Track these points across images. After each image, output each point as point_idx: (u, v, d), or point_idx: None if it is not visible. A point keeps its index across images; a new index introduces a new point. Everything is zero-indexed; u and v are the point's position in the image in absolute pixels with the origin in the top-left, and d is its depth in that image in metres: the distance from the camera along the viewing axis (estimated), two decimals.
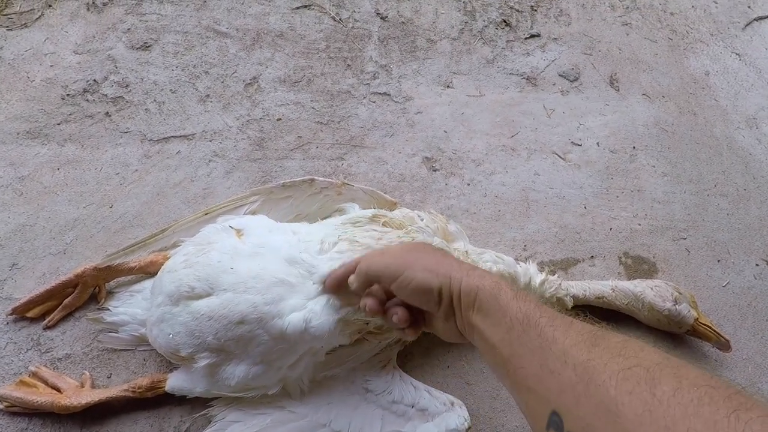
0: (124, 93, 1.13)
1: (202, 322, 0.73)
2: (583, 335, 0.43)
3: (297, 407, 0.79)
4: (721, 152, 1.22)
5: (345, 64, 1.25)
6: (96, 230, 0.97)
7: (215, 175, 1.05)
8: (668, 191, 1.14)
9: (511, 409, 0.87)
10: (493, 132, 1.18)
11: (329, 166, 1.09)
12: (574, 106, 1.25)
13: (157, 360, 0.86)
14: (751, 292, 1.03)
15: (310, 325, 0.72)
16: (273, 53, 1.24)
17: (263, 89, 1.18)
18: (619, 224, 1.08)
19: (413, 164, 1.11)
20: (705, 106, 1.30)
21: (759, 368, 0.94)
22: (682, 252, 1.06)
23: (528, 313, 0.48)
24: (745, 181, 1.18)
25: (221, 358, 0.74)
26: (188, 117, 1.12)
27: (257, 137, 1.11)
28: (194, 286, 0.74)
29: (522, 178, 1.12)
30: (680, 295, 0.92)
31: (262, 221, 0.86)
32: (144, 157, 1.06)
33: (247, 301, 0.72)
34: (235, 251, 0.78)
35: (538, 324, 0.46)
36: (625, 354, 0.39)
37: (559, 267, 1.02)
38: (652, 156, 1.19)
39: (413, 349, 0.91)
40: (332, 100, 1.18)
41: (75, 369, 0.84)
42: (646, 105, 1.28)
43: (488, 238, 1.04)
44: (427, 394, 0.82)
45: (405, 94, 1.22)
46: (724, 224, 1.11)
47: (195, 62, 1.20)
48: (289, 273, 0.76)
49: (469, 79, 1.27)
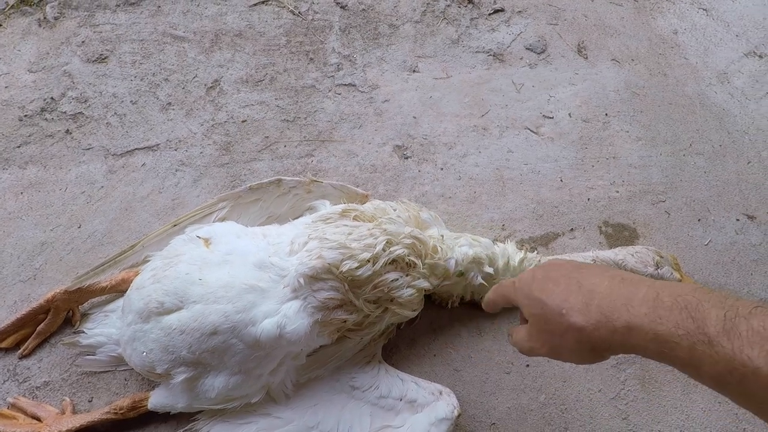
0: (83, 108, 1.10)
1: (175, 337, 0.71)
2: None
3: (283, 412, 0.78)
4: (695, 110, 1.21)
5: (307, 58, 1.22)
6: (65, 252, 0.94)
7: (183, 185, 1.03)
8: (644, 155, 1.13)
9: (501, 390, 0.86)
10: (463, 113, 1.16)
11: (299, 164, 1.07)
12: (543, 78, 1.23)
13: (139, 379, 0.84)
14: (734, 248, 1.02)
15: (284, 330, 0.71)
16: (233, 54, 1.21)
17: (226, 92, 1.15)
18: (597, 194, 1.07)
19: (384, 154, 1.09)
20: (675, 66, 1.28)
21: None
22: (662, 215, 1.05)
23: (732, 363, 0.38)
24: (721, 137, 1.17)
25: (198, 372, 0.73)
26: (151, 127, 1.09)
27: (223, 141, 1.09)
28: (163, 301, 0.72)
29: (495, 157, 1.11)
30: (661, 258, 0.91)
31: (230, 227, 0.84)
32: (109, 172, 1.03)
33: (217, 312, 0.71)
34: (204, 261, 0.76)
35: (755, 373, 0.37)
36: None
37: (539, 243, 1.01)
38: (625, 121, 1.18)
39: (398, 341, 0.89)
40: (297, 96, 1.16)
41: (55, 396, 0.83)
42: (615, 70, 1.26)
43: (466, 221, 1.02)
44: (414, 386, 0.81)
45: (371, 83, 1.19)
46: (702, 183, 1.10)
47: (154, 70, 1.17)
48: (260, 278, 0.74)
49: (435, 62, 1.24)
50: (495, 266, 0.86)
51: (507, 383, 0.87)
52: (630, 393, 0.87)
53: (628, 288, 0.47)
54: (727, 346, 0.38)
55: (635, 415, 0.85)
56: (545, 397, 0.86)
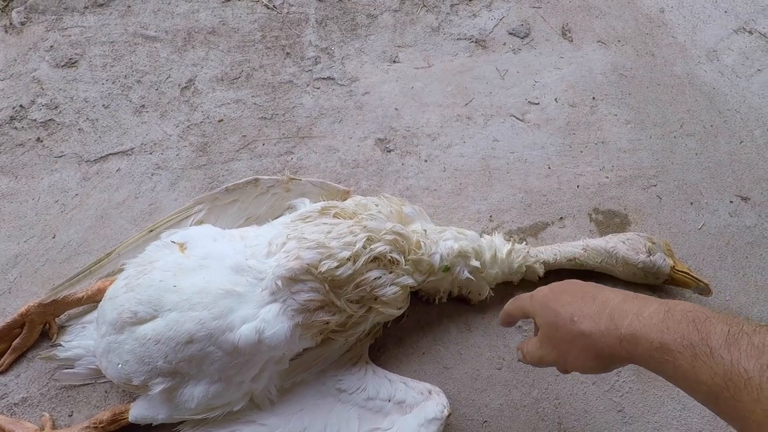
0: (54, 115, 1.07)
1: (150, 347, 0.68)
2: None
3: (267, 419, 0.76)
4: (684, 90, 1.18)
5: (284, 52, 1.18)
6: (40, 263, 0.92)
7: (160, 189, 1.00)
8: (633, 139, 1.10)
9: (493, 387, 0.84)
10: (446, 102, 1.13)
11: (278, 162, 1.04)
12: (528, 63, 1.20)
13: (119, 391, 0.82)
14: (728, 231, 0.99)
15: (263, 335, 0.68)
16: (207, 52, 1.17)
17: (201, 91, 1.12)
18: (586, 180, 1.04)
19: (366, 148, 1.06)
20: (663, 45, 1.25)
21: (742, 307, 0.91)
22: (654, 199, 1.03)
23: (729, 374, 0.40)
24: (711, 117, 1.14)
25: (176, 382, 0.70)
26: (125, 131, 1.06)
27: (200, 142, 1.05)
28: (136, 310, 0.70)
29: (481, 146, 1.08)
30: (654, 244, 0.89)
31: (206, 231, 0.81)
32: (83, 179, 1.00)
33: (193, 319, 0.68)
34: (178, 267, 0.74)
35: (748, 383, 0.38)
36: None
37: (528, 233, 0.98)
38: (613, 104, 1.15)
39: (386, 341, 0.87)
40: (274, 93, 1.12)
41: (34, 412, 0.80)
42: (602, 52, 1.23)
43: (452, 213, 1.00)
44: (403, 386, 0.79)
45: (350, 76, 1.16)
46: (693, 165, 1.07)
47: (125, 72, 1.13)
48: (237, 282, 0.72)
49: (415, 51, 1.21)
50: (482, 259, 0.84)
51: (498, 379, 0.84)
52: (625, 384, 0.84)
53: (640, 302, 0.49)
54: (726, 357, 0.39)
55: (630, 407, 0.83)
56: (538, 392, 0.84)
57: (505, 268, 0.86)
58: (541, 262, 0.88)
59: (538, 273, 0.88)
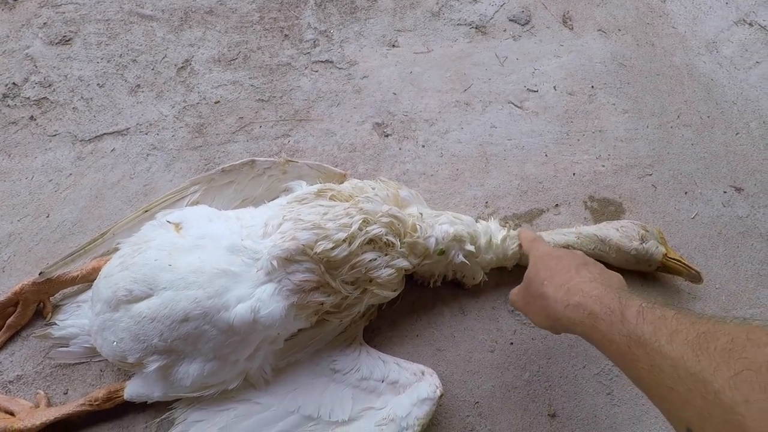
0: (47, 93, 1.06)
1: (145, 325, 0.69)
2: (689, 342, 0.42)
3: (262, 398, 0.76)
4: (683, 81, 1.18)
5: (282, 34, 1.17)
6: (34, 243, 0.91)
7: (155, 169, 0.99)
8: (630, 128, 1.10)
9: (485, 369, 0.85)
10: (444, 88, 1.13)
11: (275, 145, 1.03)
12: (528, 50, 1.20)
13: (114, 369, 0.82)
14: (721, 221, 1.00)
15: (259, 314, 0.69)
16: (204, 32, 1.16)
17: (197, 72, 1.11)
18: (582, 168, 1.05)
19: (363, 132, 1.06)
20: (663, 35, 1.24)
21: (732, 296, 0.93)
22: (649, 188, 1.03)
23: (631, 334, 0.47)
24: (709, 108, 1.14)
25: (172, 359, 0.71)
26: (120, 111, 1.05)
27: (196, 124, 1.05)
28: (131, 288, 0.70)
29: (478, 132, 1.08)
30: (647, 232, 0.90)
31: (202, 211, 0.81)
32: (77, 159, 1.00)
33: (188, 298, 0.68)
34: (174, 247, 0.74)
35: (643, 341, 0.46)
36: (733, 355, 0.38)
37: (523, 220, 0.99)
38: (611, 94, 1.15)
39: (380, 323, 0.88)
40: (272, 75, 1.12)
41: (29, 390, 0.80)
42: (602, 41, 1.22)
43: (448, 199, 1.00)
44: (396, 367, 0.80)
45: (349, 59, 1.15)
46: (689, 155, 1.08)
47: (121, 51, 1.12)
48: (232, 262, 0.72)
49: (415, 36, 1.20)
50: (477, 244, 0.84)
51: (491, 362, 0.85)
52: (614, 368, 0.85)
53: (597, 285, 0.57)
54: (632, 323, 0.48)
55: (619, 390, 0.84)
56: (529, 374, 0.85)
57: (500, 254, 0.87)
58: None
59: None
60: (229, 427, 0.74)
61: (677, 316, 0.45)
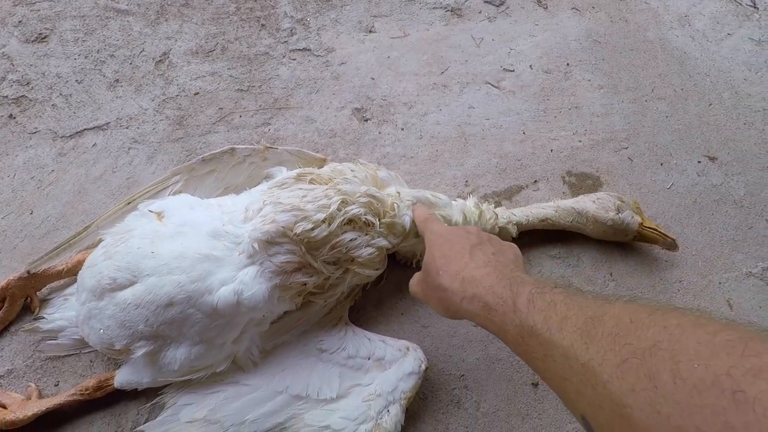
0: (26, 91, 1.06)
1: (130, 312, 0.70)
2: (578, 328, 0.40)
3: (250, 380, 0.78)
4: (656, 55, 1.20)
5: (259, 24, 1.18)
6: (18, 240, 0.92)
7: (137, 163, 1.00)
8: (606, 103, 1.12)
9: (470, 343, 0.87)
10: (422, 71, 1.14)
11: (256, 134, 1.04)
12: (503, 31, 1.21)
13: (105, 360, 0.83)
14: (696, 189, 1.03)
15: (242, 296, 0.70)
16: (180, 24, 1.16)
17: (175, 64, 1.11)
18: (560, 144, 1.06)
19: (343, 117, 1.07)
20: (636, 11, 1.26)
21: (708, 261, 0.95)
22: (625, 161, 1.05)
23: (523, 324, 0.46)
24: (682, 81, 1.16)
25: (158, 345, 0.72)
26: (99, 106, 1.05)
27: (176, 116, 1.05)
28: (115, 276, 0.71)
29: (457, 113, 1.09)
30: (623, 203, 0.92)
31: (184, 200, 0.82)
32: (58, 155, 1.00)
33: (172, 282, 0.69)
34: (156, 234, 0.74)
35: (534, 331, 0.44)
36: (618, 341, 0.36)
37: (503, 197, 1.01)
38: (587, 70, 1.16)
39: (365, 303, 0.89)
40: (250, 65, 1.12)
41: (20, 383, 0.81)
42: (576, 19, 1.24)
43: (429, 180, 1.01)
44: (381, 344, 0.81)
45: (326, 47, 1.16)
46: (664, 127, 1.10)
47: (98, 47, 1.12)
48: (214, 247, 0.73)
49: (391, 21, 1.21)
50: (450, 222, 0.85)
51: (475, 335, 0.87)
52: None
53: (489, 272, 0.56)
54: (524, 312, 0.46)
55: None
56: None
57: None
58: (514, 223, 0.91)
59: (511, 234, 0.91)
60: (219, 408, 0.75)
61: (566, 300, 0.44)
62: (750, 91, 1.16)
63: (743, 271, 0.94)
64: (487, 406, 0.82)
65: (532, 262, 0.93)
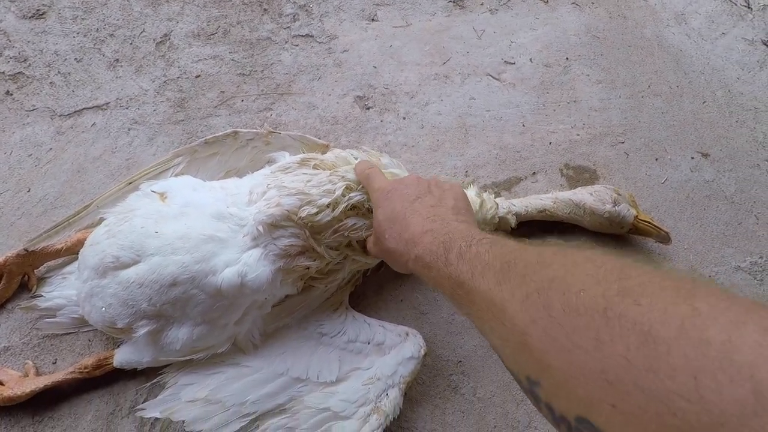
0: (23, 68, 1.04)
1: (134, 290, 0.70)
2: (496, 273, 0.42)
3: (251, 361, 0.78)
4: (653, 52, 1.22)
5: (261, 9, 1.17)
6: (15, 217, 0.91)
7: (137, 144, 0.99)
8: (604, 98, 1.14)
9: (467, 330, 0.89)
10: (424, 61, 1.15)
11: (257, 118, 1.04)
12: (505, 24, 1.22)
13: (104, 339, 0.83)
14: (688, 185, 1.05)
15: (246, 278, 0.70)
16: (182, 6, 1.15)
17: (177, 46, 1.10)
18: (558, 137, 1.08)
19: (345, 105, 1.07)
20: (634, 8, 1.28)
21: (699, 255, 0.98)
22: (621, 156, 1.07)
23: (453, 276, 0.48)
24: (678, 78, 1.18)
25: (161, 324, 0.72)
26: (99, 86, 1.04)
27: (177, 98, 1.05)
28: (118, 255, 0.70)
29: (458, 104, 1.10)
30: (619, 196, 0.94)
31: (187, 181, 0.82)
32: (57, 134, 0.99)
33: (176, 263, 0.70)
34: (160, 215, 0.74)
35: (462, 281, 0.46)
36: (525, 279, 0.39)
37: (502, 188, 1.02)
38: (585, 65, 1.18)
39: (365, 289, 0.90)
40: (252, 49, 1.12)
41: (16, 360, 0.81)
42: (576, 14, 1.25)
43: (429, 169, 1.02)
44: (381, 329, 0.83)
45: (329, 33, 1.16)
46: (659, 123, 1.12)
47: (97, 25, 1.11)
48: (218, 228, 0.73)
49: (393, 10, 1.21)
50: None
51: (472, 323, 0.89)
52: None
53: (429, 228, 0.57)
54: (454, 265, 0.48)
55: None
56: None
57: (479, 219, 0.89)
58: (513, 213, 0.92)
59: (511, 224, 0.92)
60: (220, 389, 0.76)
61: (490, 250, 0.46)
62: (742, 90, 1.19)
63: (732, 265, 0.97)
64: (483, 392, 0.84)
65: None
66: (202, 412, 0.74)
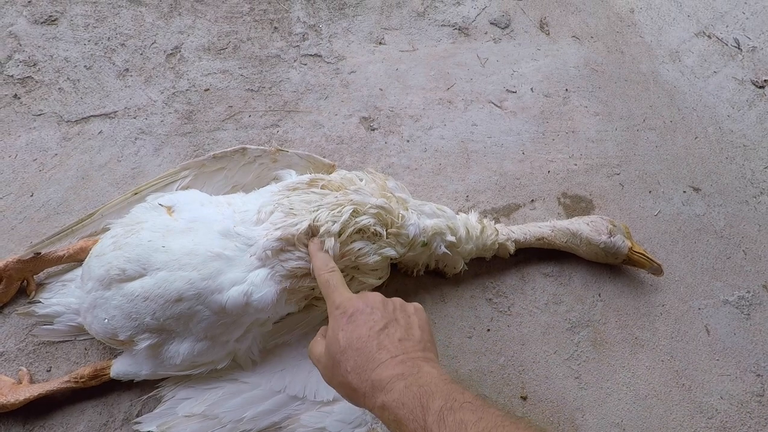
0: (32, 72, 1.05)
1: (138, 304, 0.70)
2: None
3: (249, 378, 0.79)
4: (648, 87, 1.26)
5: (272, 26, 1.19)
6: (17, 221, 0.91)
7: (143, 153, 1.00)
8: (601, 130, 1.18)
9: (463, 354, 0.90)
10: (428, 86, 1.17)
11: (264, 134, 1.05)
12: (507, 53, 1.25)
13: (100, 348, 0.83)
14: (680, 218, 1.08)
15: (251, 298, 0.71)
16: (194, 20, 1.17)
17: (187, 59, 1.12)
18: (557, 166, 1.11)
19: (351, 125, 1.09)
20: (631, 44, 1.33)
21: (689, 287, 1.01)
22: (617, 187, 1.11)
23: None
24: (671, 113, 1.23)
25: (163, 338, 0.72)
26: (107, 94, 1.05)
27: (185, 110, 1.06)
28: (125, 268, 0.71)
29: (460, 129, 1.13)
30: (614, 227, 0.96)
31: (194, 195, 0.83)
32: (63, 139, 0.99)
33: (182, 278, 0.70)
34: (167, 229, 0.75)
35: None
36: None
37: (501, 214, 1.04)
38: (584, 97, 1.22)
39: None
40: (261, 66, 1.13)
41: (11, 366, 0.80)
42: (576, 47, 1.29)
43: (431, 192, 1.04)
44: None
45: (337, 54, 1.18)
46: (653, 156, 1.16)
47: (109, 34, 1.12)
48: (225, 246, 0.74)
49: (401, 34, 1.24)
50: (457, 235, 0.88)
51: (469, 347, 0.90)
52: (582, 354, 0.92)
53: (395, 373, 0.54)
54: (434, 430, 0.47)
55: (586, 374, 0.90)
56: (504, 359, 0.90)
57: (480, 244, 0.91)
58: (513, 240, 0.94)
59: (510, 250, 0.94)
60: (217, 404, 0.76)
61: (476, 422, 0.47)
62: (732, 127, 1.23)
63: (720, 299, 1.00)
64: None
65: (526, 278, 0.97)
66: (198, 427, 0.74)
